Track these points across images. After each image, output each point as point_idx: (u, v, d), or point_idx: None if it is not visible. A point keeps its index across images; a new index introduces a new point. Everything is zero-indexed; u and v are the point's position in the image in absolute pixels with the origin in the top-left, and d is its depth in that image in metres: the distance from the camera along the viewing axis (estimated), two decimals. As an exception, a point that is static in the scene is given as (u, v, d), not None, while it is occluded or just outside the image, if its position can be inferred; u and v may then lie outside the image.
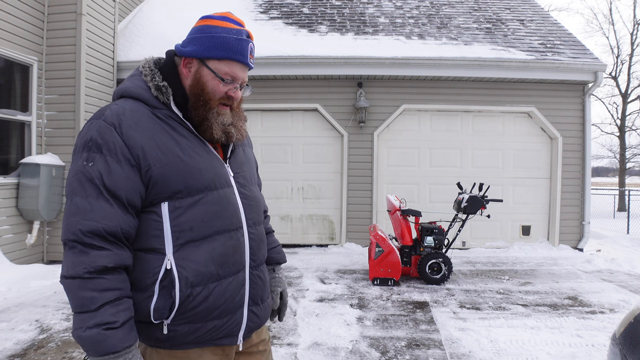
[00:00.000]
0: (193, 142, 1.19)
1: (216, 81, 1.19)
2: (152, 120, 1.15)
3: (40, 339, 3.36)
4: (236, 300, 1.21)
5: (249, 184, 1.32)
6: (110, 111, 1.12)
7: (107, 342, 1.01)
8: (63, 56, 5.84)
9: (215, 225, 1.17)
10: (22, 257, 5.50)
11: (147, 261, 1.12)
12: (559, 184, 7.08)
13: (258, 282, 1.29)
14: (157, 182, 1.11)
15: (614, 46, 23.42)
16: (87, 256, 1.03)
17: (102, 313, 1.02)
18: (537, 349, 3.22)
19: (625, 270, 5.82)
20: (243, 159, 1.35)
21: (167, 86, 1.19)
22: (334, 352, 3.17)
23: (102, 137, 1.08)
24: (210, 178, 1.18)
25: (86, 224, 1.04)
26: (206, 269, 1.15)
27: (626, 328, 1.82)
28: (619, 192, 17.19)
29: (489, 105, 7.14)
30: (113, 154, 1.08)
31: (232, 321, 1.21)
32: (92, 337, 1.01)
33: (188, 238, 1.13)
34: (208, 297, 1.15)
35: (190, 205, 1.14)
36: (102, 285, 1.03)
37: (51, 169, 5.57)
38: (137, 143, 1.10)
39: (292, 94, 7.17)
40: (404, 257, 5.17)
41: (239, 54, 1.19)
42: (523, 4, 8.91)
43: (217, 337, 1.20)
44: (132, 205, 1.10)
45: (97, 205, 1.06)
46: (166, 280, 1.11)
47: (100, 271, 1.04)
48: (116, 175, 1.07)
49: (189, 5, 8.11)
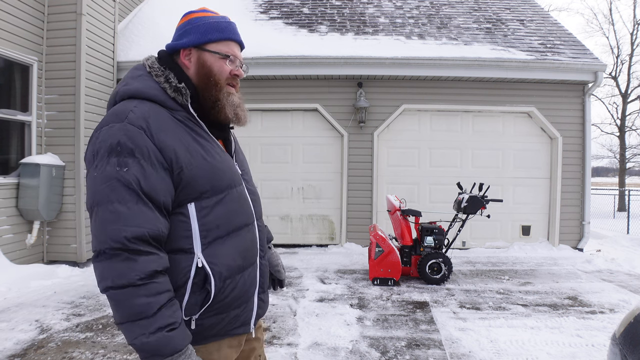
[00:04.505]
0: (212, 143, 1.23)
1: (221, 61, 1.23)
2: (174, 123, 1.16)
3: (40, 339, 3.36)
4: (252, 289, 1.29)
5: (251, 181, 1.40)
6: (133, 114, 1.10)
7: (173, 342, 1.03)
8: (63, 56, 5.83)
9: (237, 221, 1.23)
10: (22, 257, 5.49)
11: (177, 262, 1.13)
12: (559, 184, 7.08)
13: (265, 270, 1.38)
14: (187, 184, 1.13)
15: (614, 46, 23.44)
16: (135, 263, 1.02)
17: (161, 316, 1.03)
18: (537, 349, 3.22)
19: (625, 270, 5.82)
20: (243, 159, 1.42)
21: (185, 87, 1.20)
22: (334, 352, 3.17)
23: (132, 141, 1.06)
24: (231, 177, 1.24)
25: (130, 230, 1.03)
26: (234, 263, 1.21)
27: (626, 328, 1.82)
28: (619, 192, 17.18)
29: (489, 105, 7.14)
30: (147, 158, 1.07)
31: (247, 309, 1.28)
32: (158, 341, 1.02)
33: (215, 236, 1.17)
34: (235, 289, 1.21)
35: (215, 204, 1.18)
36: (156, 289, 1.04)
37: (51, 169, 5.57)
38: (169, 146, 1.10)
39: (292, 94, 7.17)
40: (404, 257, 5.17)
41: (233, 33, 1.26)
42: (523, 4, 8.91)
43: (235, 326, 1.25)
44: (167, 208, 1.12)
45: (138, 210, 1.05)
46: (197, 277, 1.14)
47: (152, 275, 1.04)
48: (153, 180, 1.07)
49: (189, 6, 8.05)
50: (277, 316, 3.93)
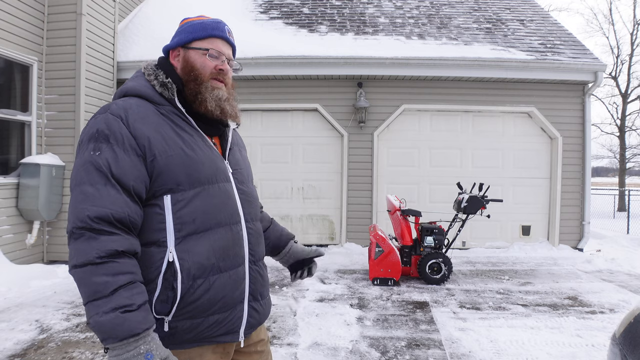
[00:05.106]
0: (195, 137, 1.23)
1: (203, 57, 1.26)
2: (157, 115, 1.20)
3: (40, 339, 3.36)
4: (236, 294, 1.23)
5: (246, 181, 1.37)
6: (116, 105, 1.17)
7: (126, 325, 1.00)
8: (63, 56, 5.84)
9: (216, 217, 1.20)
10: (22, 257, 5.50)
11: (149, 255, 1.13)
12: (559, 184, 7.08)
13: (257, 278, 1.31)
14: (161, 173, 1.14)
15: (614, 46, 23.45)
16: (96, 241, 1.03)
17: (118, 297, 1.01)
18: (537, 349, 3.22)
19: (625, 270, 5.82)
20: (239, 158, 1.40)
21: (171, 82, 1.25)
22: (334, 352, 3.17)
23: (108, 128, 1.12)
24: (212, 171, 1.22)
25: (94, 209, 1.05)
26: (207, 261, 1.17)
27: (626, 328, 1.82)
28: (619, 192, 17.18)
29: (489, 105, 7.14)
30: (120, 144, 1.11)
31: (233, 316, 1.23)
32: (110, 321, 0.99)
33: (190, 230, 1.15)
34: (209, 290, 1.17)
35: (192, 197, 1.17)
36: (115, 269, 1.03)
37: (51, 169, 5.57)
38: (144, 134, 1.14)
39: (292, 94, 7.16)
40: (404, 257, 5.17)
41: (217, 29, 1.29)
42: (523, 4, 8.91)
43: (217, 333, 1.20)
44: (138, 194, 1.12)
45: (105, 191, 1.07)
46: (168, 272, 1.13)
47: (112, 255, 1.03)
48: (123, 164, 1.10)
49: (189, 6, 8.10)
50: (277, 316, 3.93)
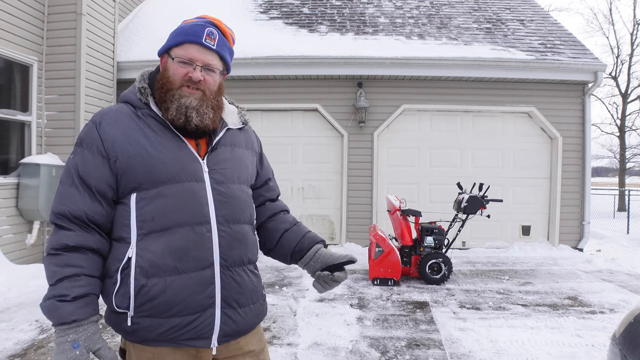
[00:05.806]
0: (164, 138, 1.24)
1: (175, 65, 1.26)
2: (131, 119, 1.25)
3: (40, 339, 3.36)
4: (200, 298, 1.19)
5: (228, 182, 1.28)
6: (98, 113, 1.28)
7: (57, 312, 1.11)
8: (63, 56, 5.83)
9: (175, 217, 1.19)
10: (22, 257, 5.49)
11: (116, 249, 1.20)
12: (559, 184, 7.08)
13: (231, 284, 1.24)
14: (124, 173, 1.20)
15: (614, 46, 23.41)
16: (56, 235, 1.16)
17: (59, 286, 1.12)
18: (537, 349, 3.22)
19: (625, 270, 5.82)
20: (227, 157, 1.31)
21: (145, 87, 1.29)
22: (334, 352, 3.17)
23: (85, 134, 1.23)
24: (174, 171, 1.21)
25: (58, 207, 1.18)
26: (162, 261, 1.16)
27: (626, 328, 1.82)
28: (619, 192, 17.19)
29: (489, 105, 7.14)
30: (89, 147, 1.21)
31: (202, 322, 1.19)
32: (47, 307, 1.12)
33: (150, 228, 1.18)
34: (165, 291, 1.16)
35: (153, 196, 1.20)
36: (62, 261, 1.14)
37: (51, 169, 5.57)
38: (110, 137, 1.21)
39: (292, 94, 7.16)
40: (404, 257, 5.17)
41: (192, 35, 1.25)
42: (523, 4, 8.91)
43: (185, 337, 1.18)
44: (101, 193, 1.20)
45: (69, 191, 1.19)
46: (127, 268, 1.17)
47: (62, 248, 1.14)
48: (88, 165, 1.20)
49: (189, 5, 8.10)
50: (277, 316, 3.93)
